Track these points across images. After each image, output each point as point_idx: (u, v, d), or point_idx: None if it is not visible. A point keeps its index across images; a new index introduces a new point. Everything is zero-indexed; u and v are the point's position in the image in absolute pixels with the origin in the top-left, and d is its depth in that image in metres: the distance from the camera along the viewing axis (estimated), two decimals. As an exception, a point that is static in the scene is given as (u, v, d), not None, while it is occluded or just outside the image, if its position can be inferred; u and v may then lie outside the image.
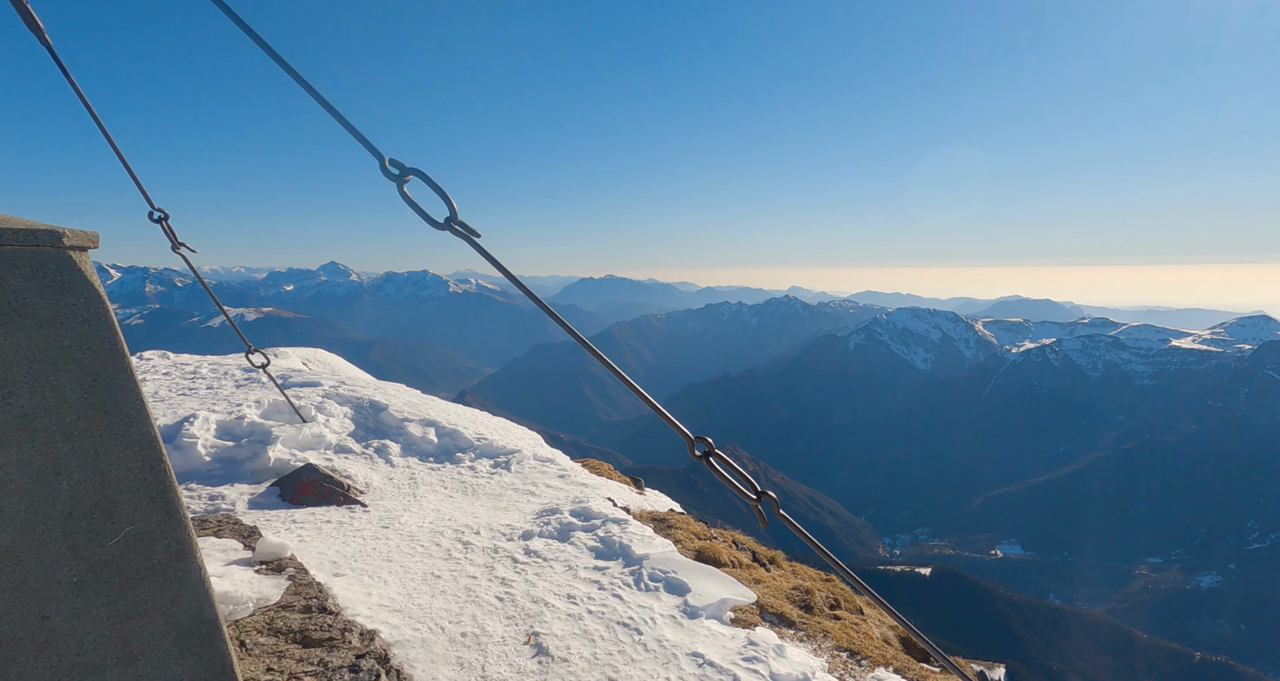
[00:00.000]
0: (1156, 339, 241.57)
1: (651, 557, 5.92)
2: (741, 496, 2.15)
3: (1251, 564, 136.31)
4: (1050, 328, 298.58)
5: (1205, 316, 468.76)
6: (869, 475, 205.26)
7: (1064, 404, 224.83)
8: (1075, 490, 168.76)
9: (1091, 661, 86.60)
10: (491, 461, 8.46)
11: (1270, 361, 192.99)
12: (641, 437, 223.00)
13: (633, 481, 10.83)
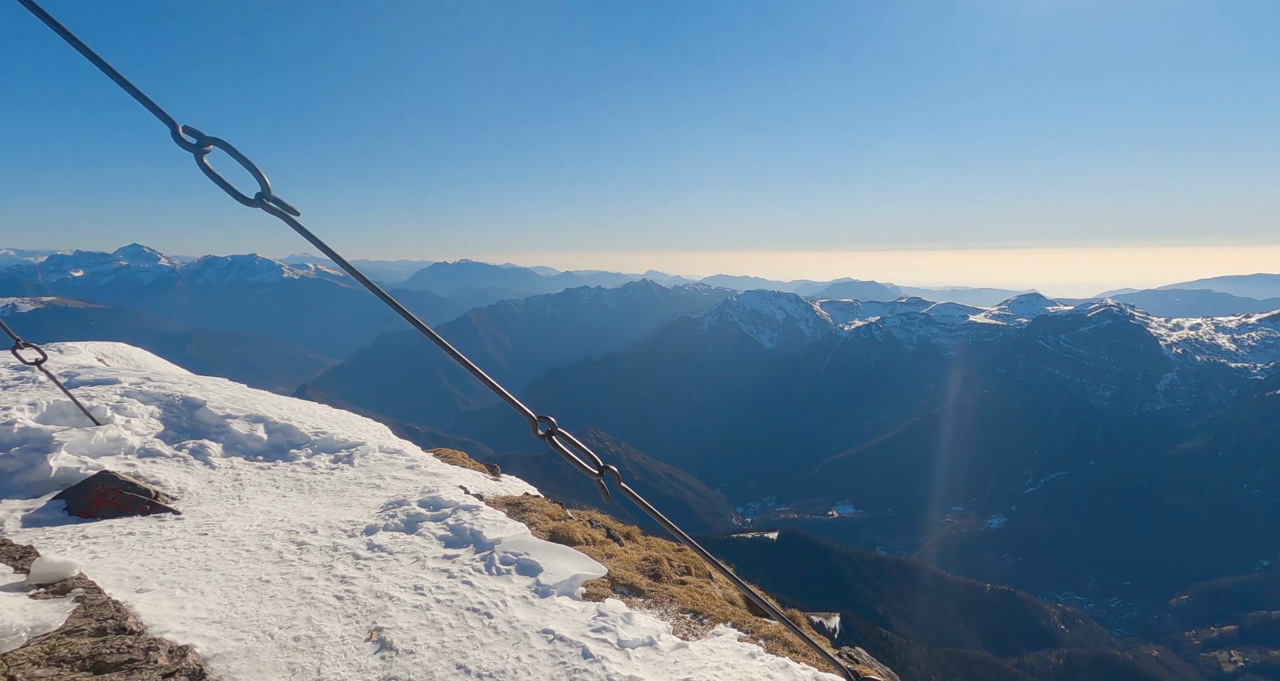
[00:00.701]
0: (958, 315, 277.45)
1: (504, 542, 5.90)
2: (584, 472, 2.28)
3: (1028, 505, 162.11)
4: (875, 307, 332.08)
5: (995, 294, 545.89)
6: (723, 450, 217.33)
7: (887, 375, 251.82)
8: (896, 452, 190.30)
9: (909, 601, 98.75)
10: (332, 456, 7.95)
11: (1040, 332, 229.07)
12: (502, 425, 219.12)
13: (488, 468, 10.66)
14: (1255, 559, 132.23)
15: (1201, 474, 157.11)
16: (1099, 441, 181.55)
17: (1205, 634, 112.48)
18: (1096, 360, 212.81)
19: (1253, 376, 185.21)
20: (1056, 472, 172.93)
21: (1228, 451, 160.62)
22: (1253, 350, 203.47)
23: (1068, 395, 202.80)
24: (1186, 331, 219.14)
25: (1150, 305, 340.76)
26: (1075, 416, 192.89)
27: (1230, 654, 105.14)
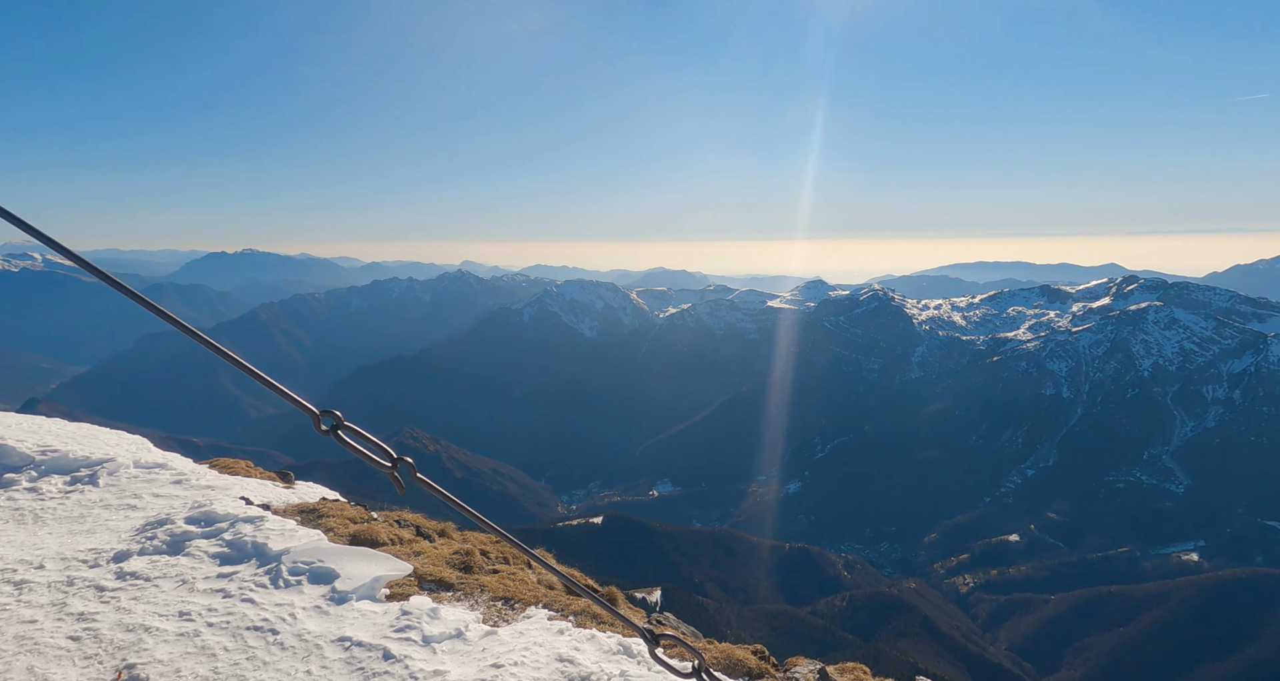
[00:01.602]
0: (759, 301, 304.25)
1: (293, 551, 5.44)
2: (376, 466, 2.11)
3: (819, 470, 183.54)
4: (687, 295, 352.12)
5: (788, 281, 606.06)
6: (548, 441, 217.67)
7: (700, 359, 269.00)
8: (709, 431, 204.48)
9: (722, 568, 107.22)
10: (66, 477, 6.71)
11: (825, 315, 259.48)
12: (304, 430, 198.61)
13: (279, 476, 9.67)
14: (980, 497, 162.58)
15: (945, 430, 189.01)
16: (871, 408, 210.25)
17: (947, 564, 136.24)
18: (868, 337, 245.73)
19: (977, 347, 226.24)
20: (840, 438, 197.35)
21: (962, 410, 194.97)
22: (976, 325, 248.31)
23: (847, 369, 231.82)
24: (932, 311, 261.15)
25: (906, 289, 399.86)
26: (853, 388, 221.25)
27: (965, 578, 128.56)
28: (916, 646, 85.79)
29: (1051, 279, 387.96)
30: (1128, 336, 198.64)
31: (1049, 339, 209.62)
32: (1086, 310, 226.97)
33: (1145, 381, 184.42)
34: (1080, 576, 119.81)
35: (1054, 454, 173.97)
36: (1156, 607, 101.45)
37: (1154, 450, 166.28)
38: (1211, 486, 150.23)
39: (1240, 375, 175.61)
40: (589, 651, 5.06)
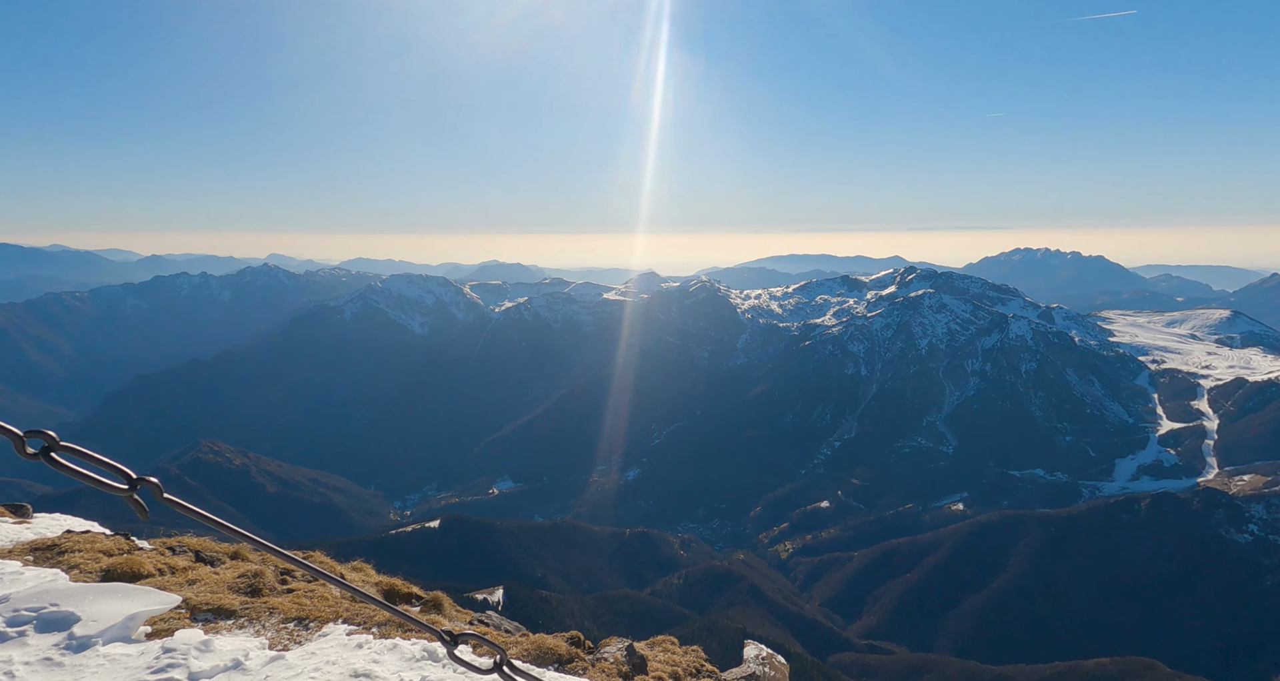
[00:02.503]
0: (595, 293, 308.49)
1: (14, 598, 4.63)
2: (108, 490, 1.81)
3: (656, 455, 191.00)
4: (523, 288, 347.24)
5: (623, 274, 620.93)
6: (377, 445, 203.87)
7: (538, 353, 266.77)
8: (549, 425, 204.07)
9: (565, 559, 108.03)
10: None
11: (657, 306, 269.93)
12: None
13: (9, 510, 8.08)
14: (797, 470, 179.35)
15: (766, 411, 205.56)
16: (702, 394, 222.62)
17: (770, 534, 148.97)
18: (697, 327, 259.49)
19: (792, 333, 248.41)
20: (675, 424, 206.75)
21: (780, 392, 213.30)
22: (791, 313, 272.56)
23: (680, 357, 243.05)
24: (753, 301, 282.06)
25: (730, 280, 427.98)
26: (685, 375, 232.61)
27: (785, 545, 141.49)
28: (745, 613, 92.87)
29: (850, 270, 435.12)
30: (909, 319, 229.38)
31: (849, 324, 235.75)
32: (878, 297, 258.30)
33: (923, 358, 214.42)
34: (877, 533, 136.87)
35: (855, 426, 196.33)
36: (934, 553, 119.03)
37: (930, 417, 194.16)
38: (972, 445, 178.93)
39: (990, 350, 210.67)
40: (390, 662, 4.90)
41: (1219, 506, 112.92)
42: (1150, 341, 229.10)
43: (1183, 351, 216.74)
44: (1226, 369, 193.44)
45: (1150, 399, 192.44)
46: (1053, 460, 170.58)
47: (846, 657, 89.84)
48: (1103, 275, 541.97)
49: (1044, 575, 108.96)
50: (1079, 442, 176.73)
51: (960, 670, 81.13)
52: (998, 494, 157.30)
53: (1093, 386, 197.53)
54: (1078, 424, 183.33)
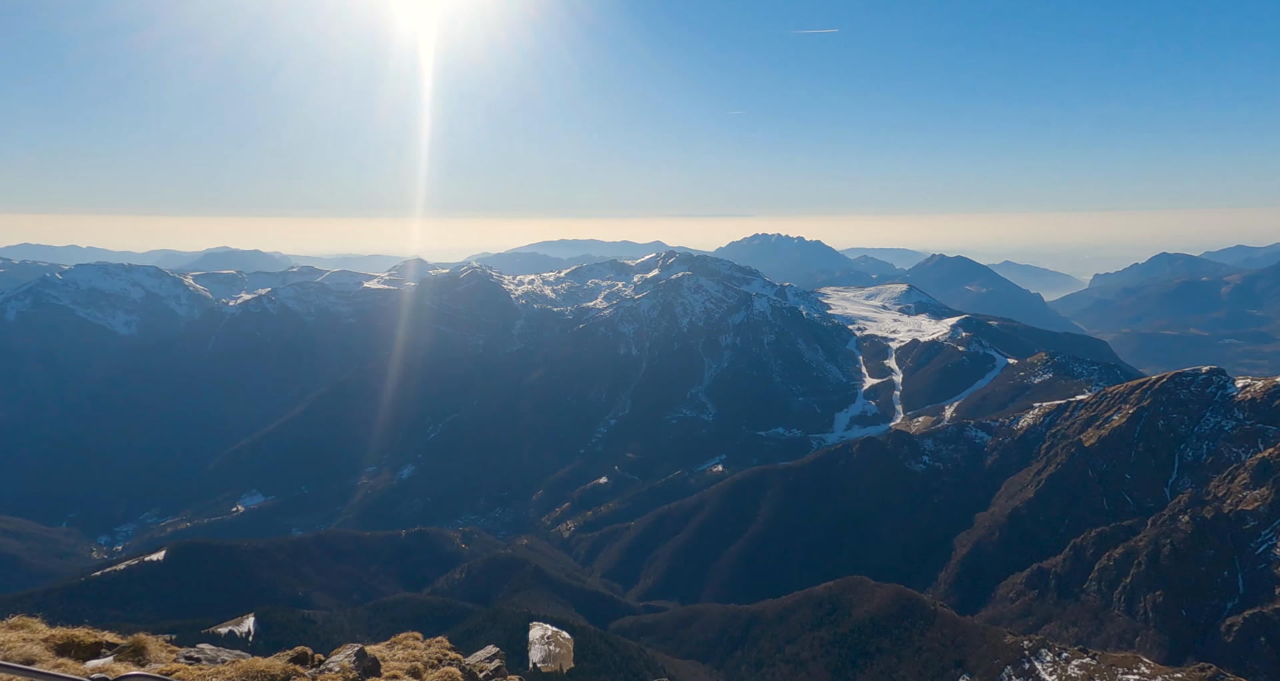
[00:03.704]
0: (354, 282, 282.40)
1: None
2: None
3: (432, 450, 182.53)
4: (265, 278, 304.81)
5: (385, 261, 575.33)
6: (66, 473, 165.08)
7: (288, 349, 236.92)
8: (306, 428, 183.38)
9: (331, 572, 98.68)
10: None
11: (427, 294, 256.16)
12: None
13: None
14: (576, 450, 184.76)
15: (545, 395, 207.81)
16: (479, 382, 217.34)
17: (553, 515, 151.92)
18: (471, 314, 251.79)
19: (566, 317, 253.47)
20: (451, 415, 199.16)
21: (558, 375, 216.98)
22: (564, 297, 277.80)
23: (454, 347, 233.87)
24: (527, 286, 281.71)
25: (502, 265, 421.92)
26: (460, 364, 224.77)
27: (567, 524, 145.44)
28: (531, 596, 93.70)
29: (617, 254, 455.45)
30: (672, 300, 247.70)
31: (619, 306, 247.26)
32: (644, 280, 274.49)
33: (685, 336, 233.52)
34: (651, 501, 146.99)
35: (629, 403, 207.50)
36: (699, 512, 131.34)
37: (693, 390, 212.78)
38: (728, 412, 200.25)
39: (739, 325, 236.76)
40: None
41: (904, 444, 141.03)
42: (856, 312, 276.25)
43: (877, 319, 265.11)
44: (906, 332, 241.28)
45: (857, 360, 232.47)
46: (790, 419, 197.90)
47: (626, 622, 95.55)
48: (821, 257, 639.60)
49: (785, 519, 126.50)
50: (809, 402, 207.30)
51: (722, 613, 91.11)
52: (749, 453, 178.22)
53: (817, 353, 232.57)
54: (807, 386, 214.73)
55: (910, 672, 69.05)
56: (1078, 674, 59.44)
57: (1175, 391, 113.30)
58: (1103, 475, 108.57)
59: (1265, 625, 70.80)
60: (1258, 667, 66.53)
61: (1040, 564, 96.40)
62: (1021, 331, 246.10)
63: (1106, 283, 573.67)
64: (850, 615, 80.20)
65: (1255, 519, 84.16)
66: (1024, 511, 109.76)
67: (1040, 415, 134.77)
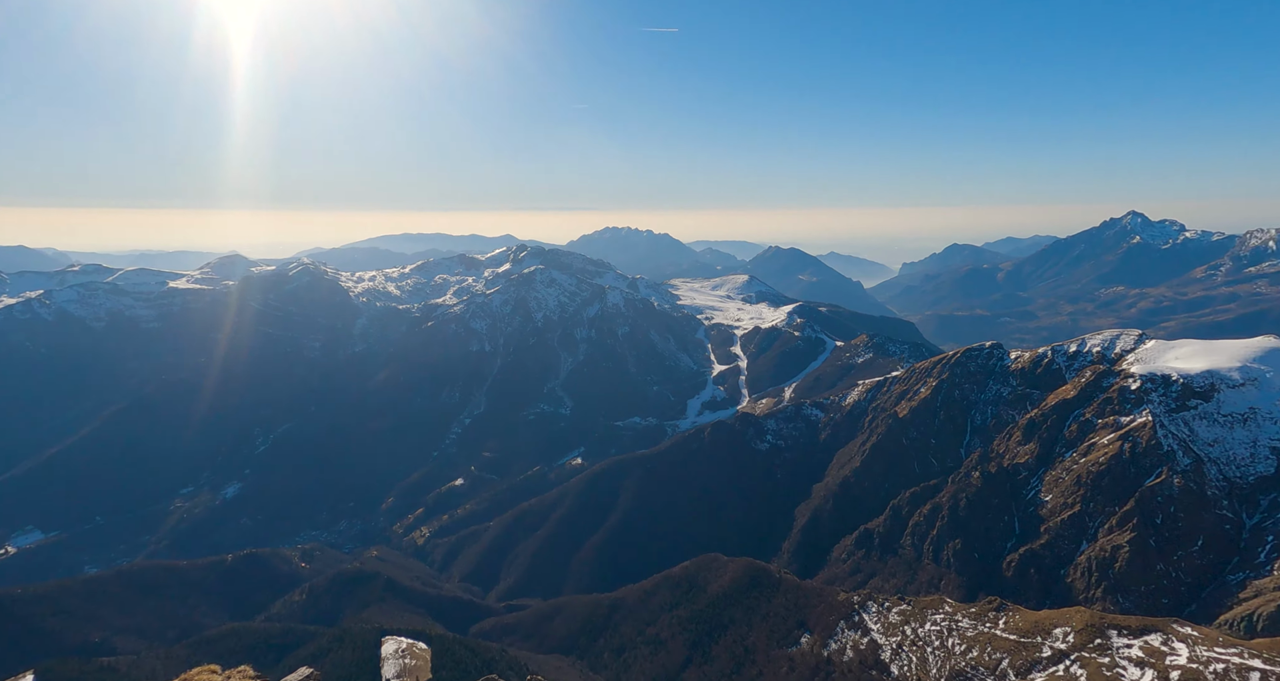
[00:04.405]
0: (156, 282, 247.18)
1: None
2: None
3: (262, 465, 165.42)
4: (35, 279, 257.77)
5: (195, 257, 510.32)
6: None
7: (71, 361, 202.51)
8: (97, 450, 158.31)
9: (138, 611, 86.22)
10: None
11: (249, 294, 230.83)
12: None
13: None
14: (429, 453, 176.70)
15: (393, 397, 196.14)
16: (317, 387, 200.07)
17: (405, 522, 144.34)
18: (304, 315, 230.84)
19: (413, 314, 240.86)
20: (285, 425, 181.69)
21: (406, 376, 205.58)
22: (410, 294, 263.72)
23: (285, 350, 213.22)
24: (368, 283, 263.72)
25: (338, 262, 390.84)
26: (295, 369, 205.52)
27: (422, 530, 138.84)
28: (383, 610, 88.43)
29: (466, 249, 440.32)
30: (525, 295, 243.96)
31: (470, 302, 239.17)
32: (495, 274, 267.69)
33: (540, 330, 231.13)
34: (510, 500, 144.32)
35: (484, 401, 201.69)
36: (559, 507, 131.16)
37: (550, 384, 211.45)
38: (586, 405, 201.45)
39: (594, 318, 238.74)
40: None
41: (750, 425, 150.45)
42: (704, 302, 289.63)
43: (724, 308, 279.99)
44: (749, 320, 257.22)
45: (706, 349, 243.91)
46: (646, 408, 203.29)
47: (488, 624, 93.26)
48: (669, 250, 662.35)
49: (645, 505, 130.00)
50: (663, 391, 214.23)
51: (585, 605, 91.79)
52: (608, 444, 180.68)
53: (669, 342, 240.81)
54: (661, 375, 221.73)
55: (759, 638, 74.04)
56: (897, 619, 67.21)
57: (966, 364, 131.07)
58: (914, 442, 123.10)
59: (1034, 559, 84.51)
60: (1030, 594, 79.29)
61: (866, 525, 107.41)
62: (846, 316, 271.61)
63: (912, 270, 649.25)
64: (706, 591, 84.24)
65: (1026, 470, 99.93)
66: (852, 479, 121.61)
67: (863, 391, 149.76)
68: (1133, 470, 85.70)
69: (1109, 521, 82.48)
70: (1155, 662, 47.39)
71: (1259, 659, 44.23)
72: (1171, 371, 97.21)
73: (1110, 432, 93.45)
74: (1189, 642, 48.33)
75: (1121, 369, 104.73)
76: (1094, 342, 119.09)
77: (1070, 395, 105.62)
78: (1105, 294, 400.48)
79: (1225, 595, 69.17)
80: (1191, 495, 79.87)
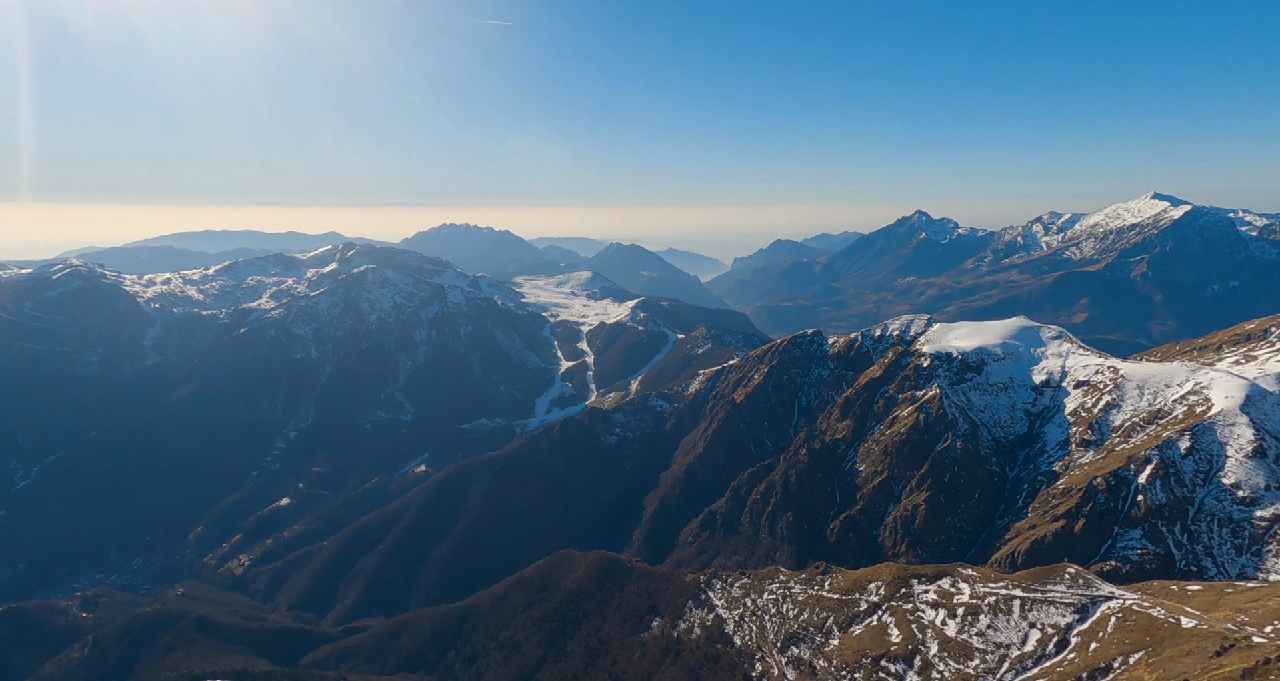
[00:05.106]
0: None
1: None
2: None
3: (23, 502, 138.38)
4: None
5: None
6: None
7: None
8: None
9: None
10: None
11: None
12: None
13: None
14: (248, 472, 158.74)
15: (199, 414, 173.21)
16: (96, 409, 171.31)
17: (220, 552, 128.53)
18: (76, 325, 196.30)
19: (221, 321, 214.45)
20: (55, 454, 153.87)
21: (215, 389, 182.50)
22: (217, 298, 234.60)
23: (50, 368, 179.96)
24: (160, 286, 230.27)
25: (120, 263, 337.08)
26: (65, 389, 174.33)
27: (240, 558, 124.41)
28: (193, 654, 78.31)
29: (283, 247, 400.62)
30: (356, 296, 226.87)
31: (291, 305, 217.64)
32: (320, 275, 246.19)
33: (374, 333, 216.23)
34: (347, 516, 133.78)
35: (312, 412, 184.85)
36: (402, 518, 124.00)
37: (388, 390, 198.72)
38: (428, 409, 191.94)
39: (434, 319, 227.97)
40: None
41: (599, 420, 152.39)
42: (549, 299, 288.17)
43: (569, 305, 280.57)
44: (594, 316, 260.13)
45: (553, 346, 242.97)
46: (492, 409, 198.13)
47: (323, 652, 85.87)
48: (511, 247, 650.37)
49: (495, 508, 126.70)
50: (510, 390, 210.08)
51: (433, 617, 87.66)
52: (454, 448, 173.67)
53: (515, 341, 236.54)
54: (507, 374, 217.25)
55: (613, 627, 75.35)
56: (738, 593, 71.76)
57: (792, 351, 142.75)
58: (750, 425, 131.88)
59: (852, 524, 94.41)
60: (848, 557, 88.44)
61: (710, 507, 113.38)
62: (686, 309, 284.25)
63: (743, 264, 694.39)
64: (559, 588, 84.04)
65: (844, 444, 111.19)
66: (696, 465, 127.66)
67: (704, 381, 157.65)
68: (927, 437, 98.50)
69: (909, 484, 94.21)
70: (945, 603, 54.97)
71: (1019, 588, 52.93)
72: (952, 350, 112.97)
73: (909, 406, 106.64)
74: (970, 582, 56.62)
75: (916, 349, 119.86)
76: (894, 327, 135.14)
77: (877, 374, 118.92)
78: (901, 283, 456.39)
79: (995, 538, 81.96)
80: (970, 455, 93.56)
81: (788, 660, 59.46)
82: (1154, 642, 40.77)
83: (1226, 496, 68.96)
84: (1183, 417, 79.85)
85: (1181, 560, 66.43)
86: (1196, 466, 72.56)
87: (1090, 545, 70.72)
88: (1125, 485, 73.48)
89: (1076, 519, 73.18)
